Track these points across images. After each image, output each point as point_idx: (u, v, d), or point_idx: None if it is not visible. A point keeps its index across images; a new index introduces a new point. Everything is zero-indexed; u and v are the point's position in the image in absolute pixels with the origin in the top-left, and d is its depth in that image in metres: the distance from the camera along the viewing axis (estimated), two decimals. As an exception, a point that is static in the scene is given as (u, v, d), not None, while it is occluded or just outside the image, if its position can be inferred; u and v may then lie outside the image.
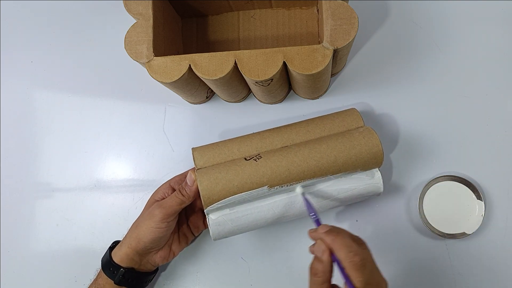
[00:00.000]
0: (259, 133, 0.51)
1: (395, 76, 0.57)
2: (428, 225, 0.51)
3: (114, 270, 0.48)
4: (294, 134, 0.50)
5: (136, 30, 0.48)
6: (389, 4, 0.59)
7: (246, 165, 0.46)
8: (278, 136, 0.50)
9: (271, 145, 0.50)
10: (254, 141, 0.50)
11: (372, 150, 0.47)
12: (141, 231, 0.47)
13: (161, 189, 0.51)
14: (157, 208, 0.47)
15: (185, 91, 0.52)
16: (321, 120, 0.52)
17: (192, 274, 0.56)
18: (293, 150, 0.47)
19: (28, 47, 0.65)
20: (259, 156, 0.47)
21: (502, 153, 0.54)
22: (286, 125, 0.52)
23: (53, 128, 0.62)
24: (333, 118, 0.52)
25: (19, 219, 0.61)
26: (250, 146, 0.49)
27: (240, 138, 0.51)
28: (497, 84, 0.55)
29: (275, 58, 0.45)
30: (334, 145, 0.47)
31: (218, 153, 0.49)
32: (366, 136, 0.48)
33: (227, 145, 0.50)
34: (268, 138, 0.50)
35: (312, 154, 0.46)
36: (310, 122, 0.52)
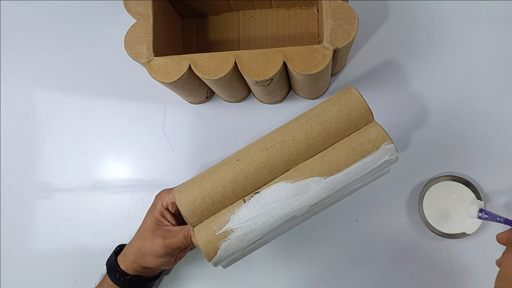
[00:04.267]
0: (252, 159, 0.42)
1: (395, 76, 0.57)
2: (428, 225, 0.51)
3: (121, 277, 0.47)
4: (295, 155, 0.42)
5: (136, 30, 0.48)
6: (389, 4, 0.59)
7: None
8: (277, 161, 0.42)
9: (270, 175, 0.42)
10: (250, 176, 0.42)
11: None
12: (146, 257, 0.47)
13: (161, 202, 0.47)
14: (161, 246, 0.45)
15: (185, 91, 0.52)
16: (326, 130, 0.42)
17: (192, 274, 0.56)
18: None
19: (28, 47, 0.65)
20: (257, 192, 0.42)
21: (502, 153, 0.54)
22: (281, 138, 0.43)
23: (53, 128, 0.62)
24: (338, 119, 0.43)
25: (19, 219, 0.61)
26: (247, 184, 0.42)
27: (230, 172, 0.42)
28: (497, 84, 0.55)
29: (275, 58, 0.45)
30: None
31: (211, 203, 0.42)
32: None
33: (219, 189, 0.42)
34: (265, 168, 0.42)
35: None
36: (310, 130, 0.42)
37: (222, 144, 0.59)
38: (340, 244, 0.54)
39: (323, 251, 0.54)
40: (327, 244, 0.54)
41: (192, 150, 0.59)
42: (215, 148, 0.59)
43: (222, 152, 0.58)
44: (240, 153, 0.43)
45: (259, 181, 0.42)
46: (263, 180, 0.42)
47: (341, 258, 0.54)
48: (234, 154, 0.43)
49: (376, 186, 0.55)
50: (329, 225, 0.55)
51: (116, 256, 0.49)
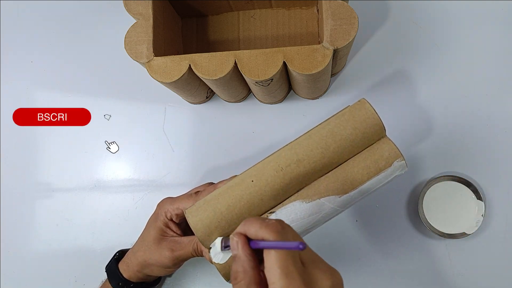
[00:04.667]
0: (267, 179, 0.41)
1: (395, 76, 0.57)
2: (428, 225, 0.51)
3: (124, 285, 0.47)
4: (310, 174, 0.41)
5: (136, 30, 0.48)
6: (389, 4, 0.59)
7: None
8: (293, 182, 0.41)
9: (285, 196, 0.41)
10: (266, 198, 0.41)
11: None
12: (153, 268, 0.46)
13: (164, 213, 0.46)
14: (170, 259, 0.44)
15: (185, 91, 0.52)
16: (341, 148, 0.41)
17: (192, 274, 0.56)
18: None
19: (28, 47, 0.65)
20: (273, 211, 0.42)
21: (502, 153, 0.54)
22: (296, 157, 0.41)
23: (53, 128, 0.62)
24: (354, 137, 0.42)
25: (19, 219, 0.61)
26: (263, 206, 0.41)
27: (246, 194, 0.41)
28: (497, 84, 0.55)
29: (275, 58, 0.45)
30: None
31: (227, 227, 0.40)
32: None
33: (235, 211, 0.40)
34: (281, 189, 0.41)
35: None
36: (326, 149, 0.41)
37: (222, 144, 0.59)
38: (340, 244, 0.54)
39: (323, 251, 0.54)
40: (327, 244, 0.54)
41: (192, 150, 0.59)
42: (215, 148, 0.59)
43: (222, 152, 0.58)
44: (254, 173, 0.41)
45: (275, 202, 0.41)
46: (278, 200, 0.42)
47: (341, 258, 0.54)
48: (247, 173, 0.42)
49: (376, 186, 0.55)
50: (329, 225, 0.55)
51: (117, 263, 0.48)
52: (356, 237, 0.54)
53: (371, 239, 0.54)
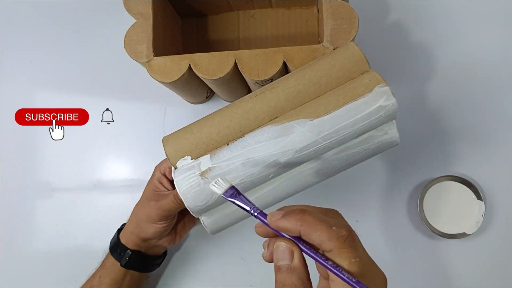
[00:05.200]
0: (240, 105, 0.41)
1: (395, 76, 0.57)
2: (428, 225, 0.51)
3: (121, 252, 0.48)
4: (283, 101, 0.40)
5: (136, 30, 0.48)
6: (389, 4, 0.59)
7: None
8: (265, 107, 0.40)
9: (257, 121, 0.40)
10: (235, 119, 0.40)
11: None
12: (142, 225, 0.47)
13: (159, 169, 0.49)
14: (154, 208, 0.46)
15: (185, 91, 0.52)
16: (317, 77, 0.40)
17: (192, 274, 0.56)
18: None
19: (28, 47, 0.65)
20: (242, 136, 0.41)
21: (502, 153, 0.54)
22: (271, 86, 0.42)
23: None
24: (331, 66, 0.40)
25: (19, 219, 0.61)
26: (232, 127, 0.40)
27: (217, 116, 0.41)
28: (497, 84, 0.55)
29: (275, 58, 0.45)
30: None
31: (195, 144, 0.41)
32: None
33: (204, 131, 0.41)
34: (252, 112, 0.40)
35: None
36: (301, 77, 0.41)
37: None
38: (340, 244, 0.54)
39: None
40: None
41: (192, 150, 0.59)
42: (215, 148, 0.58)
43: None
44: (232, 102, 0.43)
45: (245, 125, 0.41)
46: (249, 125, 0.40)
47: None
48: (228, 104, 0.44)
49: (376, 186, 0.55)
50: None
51: (119, 233, 0.50)
52: (356, 237, 0.54)
53: (371, 239, 0.54)
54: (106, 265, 0.49)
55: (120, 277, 0.48)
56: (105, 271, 0.48)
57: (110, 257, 0.49)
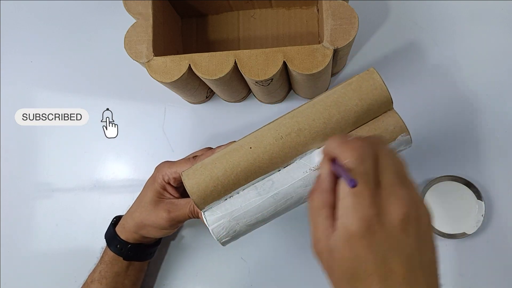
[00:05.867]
0: (265, 148, 0.40)
1: (395, 76, 0.57)
2: (428, 225, 0.51)
3: (122, 247, 0.48)
4: (310, 145, 0.40)
5: (136, 30, 0.48)
6: (389, 4, 0.59)
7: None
8: (293, 152, 0.40)
9: (283, 164, 0.41)
10: (264, 165, 0.40)
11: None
12: (149, 229, 0.47)
13: (162, 176, 0.47)
14: (166, 220, 0.45)
15: (185, 91, 0.52)
16: (345, 119, 0.40)
17: (192, 274, 0.56)
18: None
19: (28, 47, 0.65)
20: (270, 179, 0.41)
21: (502, 153, 0.54)
22: (297, 127, 0.40)
23: (53, 128, 0.62)
24: (358, 108, 0.40)
25: (19, 219, 0.60)
26: (260, 173, 0.40)
27: (244, 161, 0.40)
28: (497, 84, 0.55)
29: (275, 58, 0.45)
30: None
31: (223, 192, 0.40)
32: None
33: (231, 177, 0.40)
34: (279, 157, 0.40)
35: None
36: (329, 119, 0.40)
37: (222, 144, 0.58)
38: (340, 244, 0.54)
39: (323, 251, 0.54)
40: (327, 244, 0.54)
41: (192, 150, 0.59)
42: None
43: (222, 152, 0.58)
44: (253, 140, 0.41)
45: (272, 169, 0.41)
46: (276, 168, 0.41)
47: (341, 258, 0.54)
48: (246, 139, 0.41)
49: (376, 186, 0.55)
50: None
51: (114, 228, 0.49)
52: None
53: (371, 239, 0.54)
54: (106, 260, 0.49)
55: (123, 270, 0.48)
56: (105, 265, 0.48)
57: (109, 252, 0.48)
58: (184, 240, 0.57)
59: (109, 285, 0.48)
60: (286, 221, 0.56)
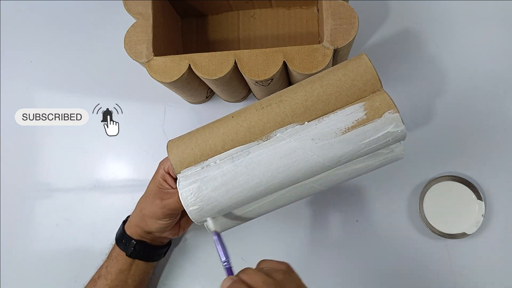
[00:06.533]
0: (246, 116, 0.41)
1: (394, 76, 0.57)
2: (428, 225, 0.51)
3: (126, 242, 0.49)
4: (290, 116, 0.40)
5: (136, 30, 0.48)
6: (389, 4, 0.59)
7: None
8: (271, 121, 0.40)
9: (262, 135, 0.40)
10: (241, 132, 0.41)
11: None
12: (147, 220, 0.47)
13: (163, 167, 0.48)
14: (159, 207, 0.46)
15: (185, 91, 0.52)
16: (327, 93, 0.39)
17: (192, 274, 0.56)
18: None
19: (28, 47, 0.65)
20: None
21: (502, 153, 0.54)
22: (278, 98, 0.40)
23: (52, 128, 0.62)
24: (341, 83, 0.39)
25: (19, 219, 0.60)
26: (237, 141, 0.41)
27: (223, 127, 0.41)
28: (497, 84, 0.55)
29: (275, 58, 0.45)
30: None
31: (199, 155, 0.41)
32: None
33: (209, 142, 0.41)
34: (258, 126, 0.40)
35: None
36: (310, 92, 0.40)
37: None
38: (340, 244, 0.54)
39: (323, 251, 0.54)
40: (328, 244, 0.54)
41: (192, 150, 0.59)
42: (215, 148, 0.58)
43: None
44: (237, 111, 0.42)
45: (250, 139, 0.41)
46: (254, 139, 0.40)
47: (341, 258, 0.54)
48: (232, 112, 0.43)
49: (376, 186, 0.55)
50: (329, 225, 0.55)
51: (124, 225, 0.51)
52: (356, 237, 0.54)
53: (371, 239, 0.54)
54: (113, 256, 0.49)
55: (126, 267, 0.49)
56: (111, 261, 0.49)
57: (116, 248, 0.50)
58: (185, 240, 0.57)
59: (113, 281, 0.48)
60: (286, 221, 0.56)
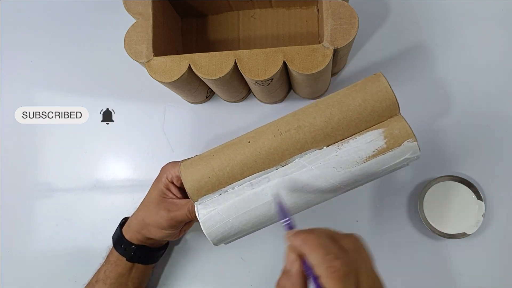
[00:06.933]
0: (264, 142, 0.39)
1: (394, 76, 0.57)
2: (428, 225, 0.51)
3: (126, 247, 0.48)
4: (310, 143, 0.39)
5: (136, 30, 0.48)
6: (389, 4, 0.59)
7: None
8: (291, 148, 0.39)
9: (281, 160, 0.40)
10: (260, 160, 0.39)
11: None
12: (150, 228, 0.47)
13: (166, 175, 0.47)
14: (165, 219, 0.45)
15: (185, 91, 0.52)
16: (347, 119, 0.39)
17: (192, 275, 0.56)
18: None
19: (28, 47, 0.65)
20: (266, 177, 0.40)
21: (502, 153, 0.54)
22: (297, 123, 0.39)
23: (52, 128, 0.62)
24: (361, 109, 0.39)
25: (19, 219, 0.60)
26: (256, 168, 0.40)
27: (240, 154, 0.40)
28: (497, 84, 0.55)
29: (275, 58, 0.45)
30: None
31: (217, 184, 0.40)
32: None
33: (227, 170, 0.40)
34: (277, 153, 0.39)
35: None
36: (330, 118, 0.39)
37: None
38: (340, 244, 0.54)
39: (323, 251, 0.54)
40: (327, 244, 0.54)
41: (192, 150, 0.59)
42: (215, 148, 0.59)
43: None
44: (252, 135, 0.40)
45: (269, 166, 0.40)
46: (273, 165, 0.40)
47: (341, 258, 0.54)
48: (246, 135, 0.41)
49: (376, 186, 0.55)
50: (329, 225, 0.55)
51: (121, 228, 0.50)
52: (356, 237, 0.54)
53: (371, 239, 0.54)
54: (111, 260, 0.49)
55: (126, 271, 0.49)
56: (110, 265, 0.49)
57: (114, 252, 0.49)
58: (185, 241, 0.57)
59: (113, 285, 0.48)
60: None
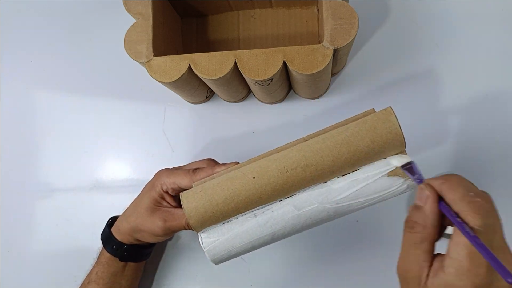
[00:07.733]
0: (269, 180, 0.39)
1: (395, 76, 0.57)
2: (428, 225, 0.51)
3: (118, 248, 0.48)
4: (316, 181, 0.40)
5: (136, 30, 0.48)
6: (389, 4, 0.59)
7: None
8: (296, 186, 0.39)
9: (285, 196, 0.40)
10: (265, 196, 0.39)
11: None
12: (144, 234, 0.46)
13: (160, 185, 0.46)
14: (161, 228, 0.45)
15: (185, 91, 0.52)
16: (354, 159, 0.39)
17: (192, 275, 0.56)
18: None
19: (28, 47, 0.65)
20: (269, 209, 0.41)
21: (502, 153, 0.54)
22: (304, 162, 0.39)
23: (53, 128, 0.62)
24: (369, 150, 0.39)
25: (19, 219, 0.60)
26: (261, 203, 0.40)
27: (244, 190, 0.39)
28: (497, 84, 0.55)
29: (275, 58, 0.45)
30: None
31: (221, 218, 0.40)
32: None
33: (231, 206, 0.39)
34: (282, 191, 0.39)
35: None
36: (338, 157, 0.39)
37: (222, 144, 0.58)
38: (340, 244, 0.54)
39: (323, 251, 0.54)
40: (327, 244, 0.54)
41: (192, 150, 0.59)
42: (215, 148, 0.58)
43: (221, 152, 0.58)
44: (257, 169, 0.40)
45: (273, 200, 0.40)
46: (277, 198, 0.40)
47: (341, 258, 0.54)
48: (250, 168, 0.40)
49: (376, 186, 0.55)
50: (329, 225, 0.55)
51: (110, 228, 0.49)
52: (356, 237, 0.54)
53: (371, 239, 0.54)
54: (103, 261, 0.49)
55: (119, 270, 0.49)
56: (102, 266, 0.48)
57: (105, 253, 0.49)
58: (184, 241, 0.57)
59: (106, 285, 0.48)
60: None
